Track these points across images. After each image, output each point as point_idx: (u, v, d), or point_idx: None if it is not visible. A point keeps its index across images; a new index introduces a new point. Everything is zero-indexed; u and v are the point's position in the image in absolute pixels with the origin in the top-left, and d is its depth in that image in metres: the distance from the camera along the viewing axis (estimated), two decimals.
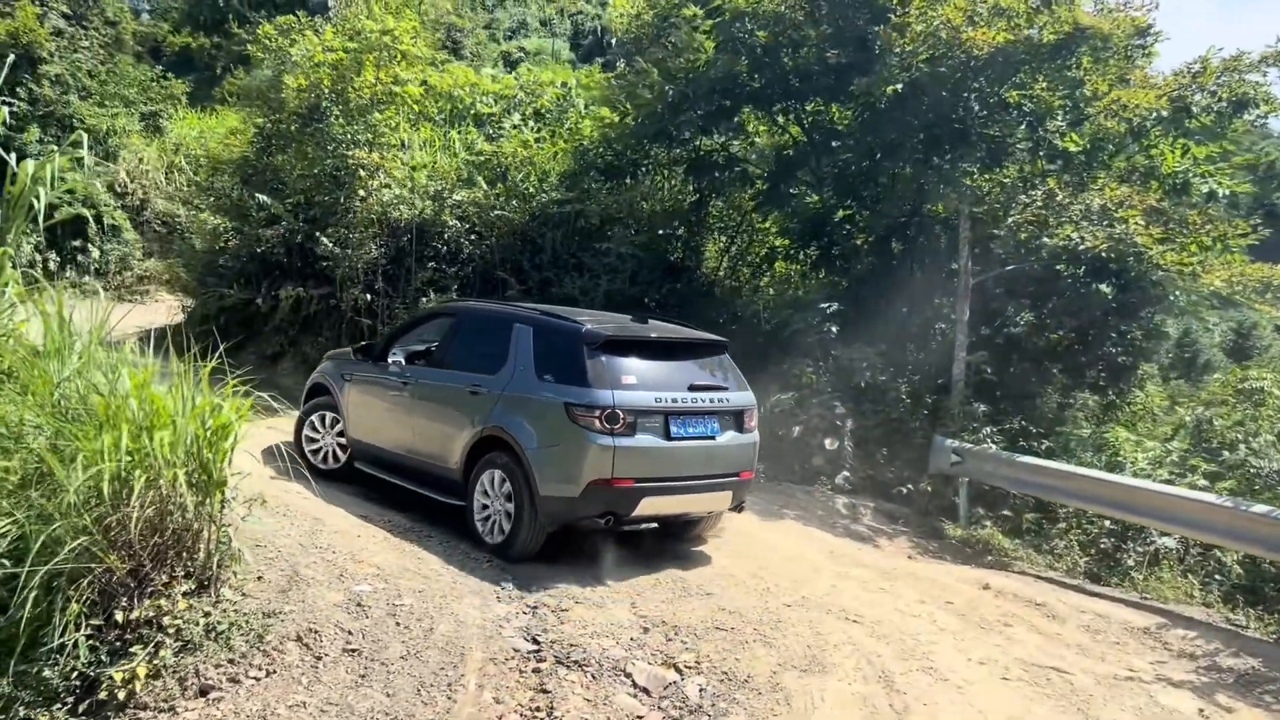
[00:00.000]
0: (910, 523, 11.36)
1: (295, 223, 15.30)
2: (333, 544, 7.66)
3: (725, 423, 8.44)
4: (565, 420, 7.71)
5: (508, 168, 15.75)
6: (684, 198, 16.88)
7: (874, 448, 12.83)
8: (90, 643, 5.78)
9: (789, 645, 6.56)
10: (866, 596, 7.98)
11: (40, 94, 23.33)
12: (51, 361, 6.86)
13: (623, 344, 8.08)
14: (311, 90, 15.21)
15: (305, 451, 10.27)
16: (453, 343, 9.29)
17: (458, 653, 6.25)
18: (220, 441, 6.41)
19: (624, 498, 7.75)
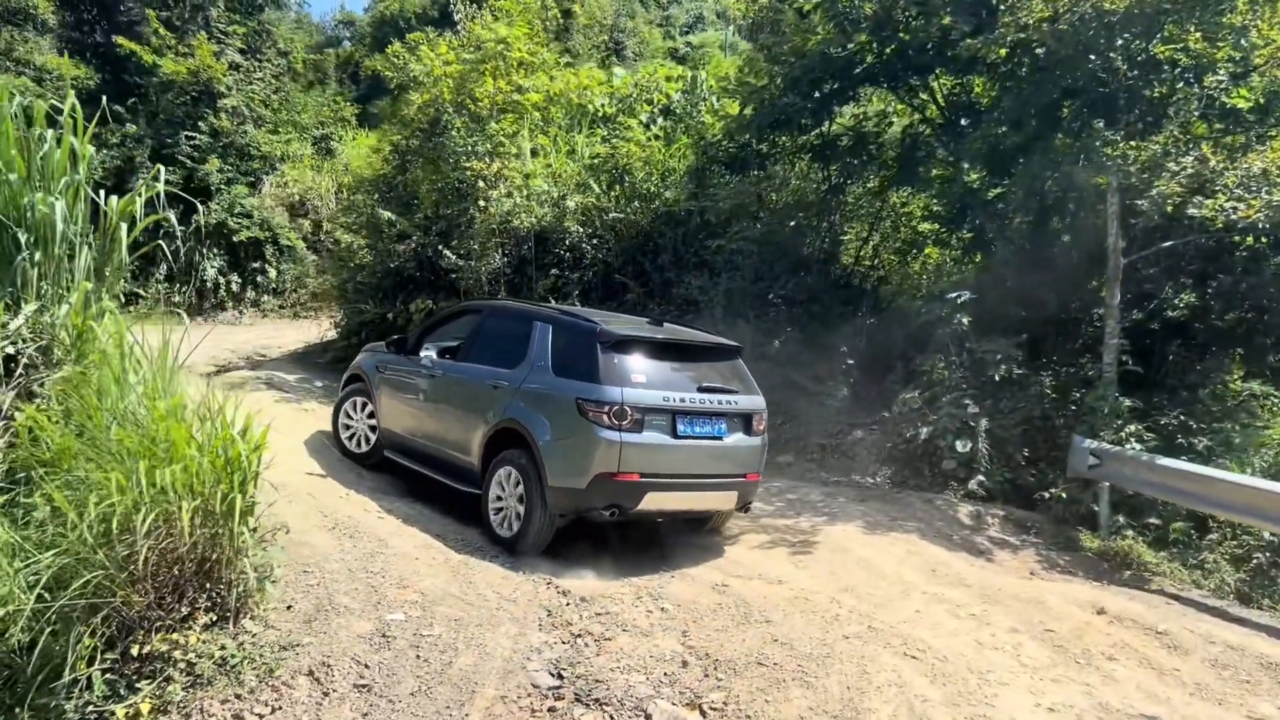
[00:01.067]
0: (1044, 533, 10.28)
1: (424, 237, 15.55)
2: (386, 568, 7.55)
3: (733, 425, 8.64)
4: (576, 415, 8.00)
5: (625, 169, 15.45)
6: (814, 186, 16.08)
7: (1013, 449, 11.74)
8: (107, 677, 5.85)
9: (827, 686, 5.93)
10: (949, 625, 7.19)
11: (219, 126, 24.87)
12: (103, 393, 7.04)
13: (634, 344, 8.37)
14: (431, 104, 15.40)
15: (340, 436, 10.89)
16: (478, 339, 9.65)
17: (469, 689, 5.98)
18: (241, 472, 6.39)
19: (629, 491, 8.02)
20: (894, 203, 16.49)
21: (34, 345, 8.67)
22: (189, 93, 24.80)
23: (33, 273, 8.74)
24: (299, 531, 7.98)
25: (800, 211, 16.05)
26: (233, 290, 24.88)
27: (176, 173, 24.35)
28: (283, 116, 26.85)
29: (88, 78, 24.64)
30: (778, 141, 15.61)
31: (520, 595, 7.46)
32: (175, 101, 24.67)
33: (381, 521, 8.74)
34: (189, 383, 7.66)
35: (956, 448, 11.61)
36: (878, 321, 15.40)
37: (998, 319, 13.11)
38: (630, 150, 15.44)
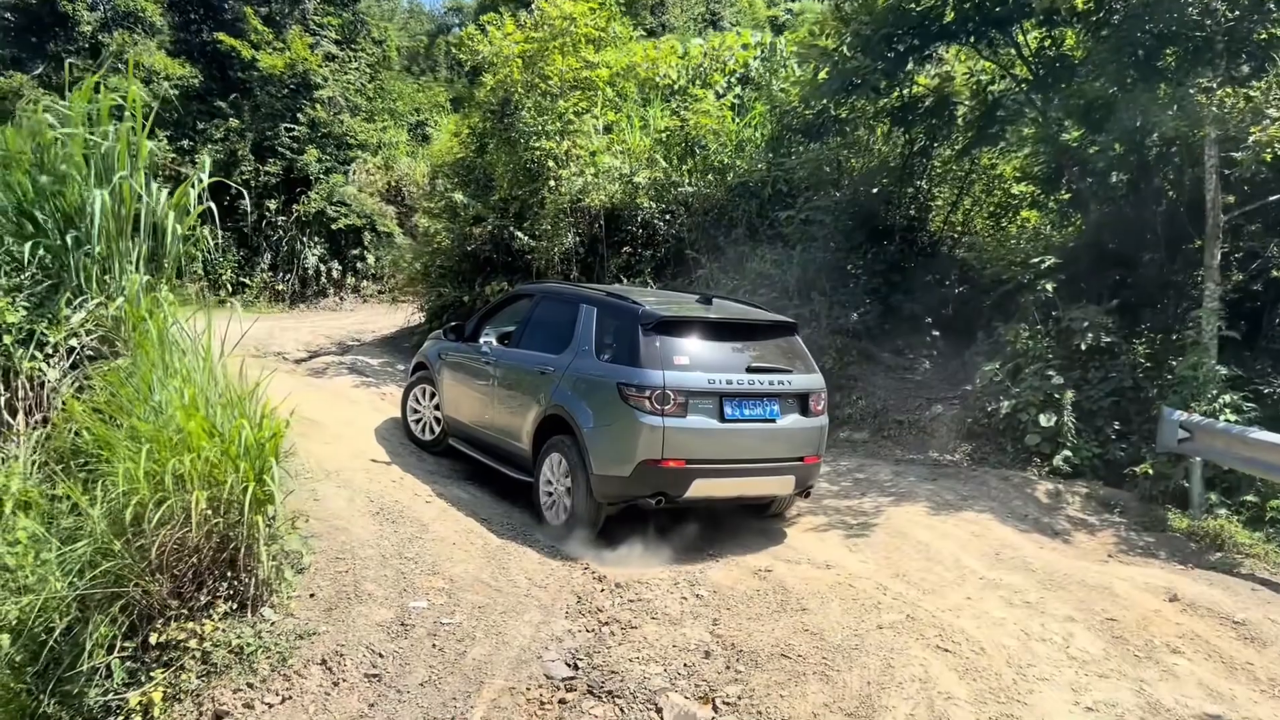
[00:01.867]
0: (1129, 512, 9.60)
1: (499, 219, 15.53)
2: (421, 554, 7.50)
3: (787, 406, 8.24)
4: (618, 400, 7.79)
5: (695, 141, 15.09)
6: (897, 151, 15.41)
7: (1103, 422, 11.02)
8: (127, 665, 5.94)
9: (848, 681, 5.60)
10: (998, 614, 6.74)
11: (316, 117, 25.41)
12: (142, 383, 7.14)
13: (679, 324, 8.10)
14: (501, 86, 15.32)
15: (409, 424, 11.05)
16: (530, 323, 9.53)
17: (478, 680, 5.87)
18: (258, 460, 6.39)
19: (675, 479, 7.76)
20: (984, 164, 15.68)
21: (93, 337, 8.91)
22: (287, 85, 25.42)
23: (94, 267, 8.98)
24: (342, 518, 8.00)
25: (883, 178, 15.41)
26: (333, 277, 25.48)
27: (277, 164, 25.05)
28: (378, 105, 27.28)
29: (192, 76, 25.48)
30: (856, 106, 14.98)
31: (552, 581, 7.32)
32: (274, 95, 25.32)
33: (428, 506, 8.69)
34: (236, 371, 7.71)
35: (1040, 421, 10.97)
36: (967, 290, 14.73)
37: (1090, 284, 12.35)
38: (700, 122, 15.04)
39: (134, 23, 26.77)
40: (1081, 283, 12.48)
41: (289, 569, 6.64)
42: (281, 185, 25.23)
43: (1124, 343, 11.46)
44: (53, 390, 8.17)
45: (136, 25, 26.75)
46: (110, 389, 7.23)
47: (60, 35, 25.77)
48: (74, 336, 8.53)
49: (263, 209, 24.97)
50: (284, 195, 25.30)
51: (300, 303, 24.95)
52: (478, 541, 7.93)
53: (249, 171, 24.84)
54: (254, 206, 24.88)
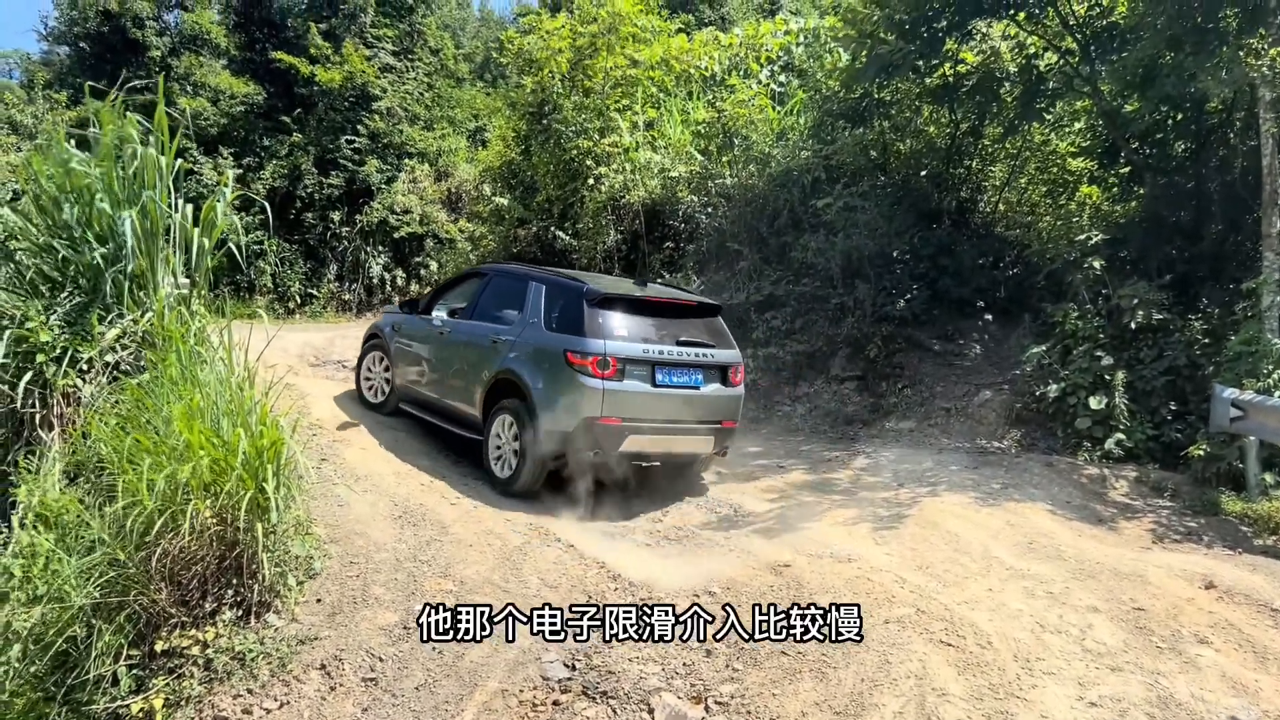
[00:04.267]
0: (1180, 495, 9.16)
1: (543, 220, 15.55)
2: (436, 557, 7.50)
3: (710, 376, 9.22)
4: (565, 365, 8.66)
5: (734, 132, 14.88)
6: (943, 131, 15.00)
7: (1157, 403, 10.56)
8: (134, 672, 6.05)
9: (842, 678, 5.42)
10: (1016, 605, 6.46)
11: (376, 128, 25.80)
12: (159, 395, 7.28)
13: (618, 302, 8.98)
14: (540, 86, 15.33)
15: (361, 388, 11.76)
16: (481, 299, 10.30)
17: (473, 683, 5.83)
18: (257, 469, 6.45)
19: (610, 435, 8.68)
20: (1037, 140, 15.17)
21: (128, 352, 9.12)
22: (347, 98, 25.87)
23: (125, 283, 9.20)
24: (362, 522, 8.06)
25: (931, 159, 15.03)
26: (398, 285, 25.85)
27: (339, 176, 25.51)
28: (436, 113, 27.57)
29: (256, 94, 26.08)
30: (898, 88, 14.63)
31: (564, 581, 7.25)
32: (335, 108, 25.79)
33: (452, 508, 8.70)
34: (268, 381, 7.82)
35: (1090, 404, 10.57)
36: (1020, 272, 14.27)
37: (1144, 260, 11.85)
38: (738, 113, 14.82)
39: (200, 45, 27.54)
40: (1135, 259, 11.99)
41: (294, 575, 6.68)
42: (344, 197, 25.68)
43: (1179, 319, 10.97)
44: (88, 405, 8.38)
45: (203, 47, 27.51)
46: (131, 402, 7.38)
47: (132, 61, 26.63)
48: (110, 352, 8.76)
49: (327, 221, 25.46)
50: (347, 206, 25.75)
51: (366, 311, 25.35)
52: (495, 543, 7.89)
53: (313, 185, 25.37)
54: (318, 219, 25.41)
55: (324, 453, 9.76)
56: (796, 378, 13.29)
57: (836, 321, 13.56)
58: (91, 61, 27.54)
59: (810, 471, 10.51)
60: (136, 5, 26.57)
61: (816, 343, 13.50)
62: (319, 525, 7.66)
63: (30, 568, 6.14)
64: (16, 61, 47.29)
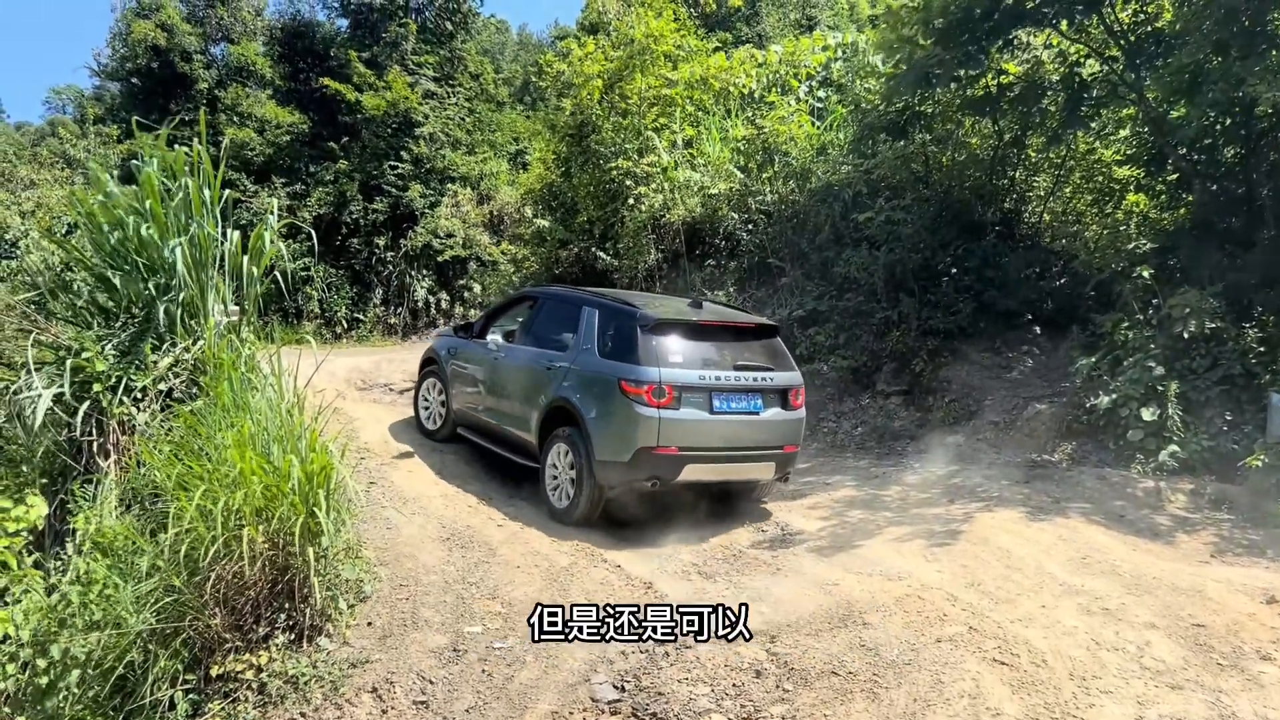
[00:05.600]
0: (1238, 507, 8.97)
1: (584, 241, 15.64)
2: (484, 579, 7.54)
3: (769, 400, 9.01)
4: (618, 393, 8.49)
5: (774, 149, 14.86)
6: (986, 143, 14.88)
7: (1212, 413, 10.35)
8: (190, 697, 6.13)
9: (894, 699, 5.35)
10: (1071, 622, 6.35)
11: (419, 153, 26.13)
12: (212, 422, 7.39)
13: (672, 326, 8.81)
14: (579, 109, 15.45)
15: (419, 415, 11.78)
16: (535, 323, 10.25)
17: (524, 704, 5.84)
18: (308, 494, 6.52)
19: (668, 464, 8.49)
20: (1081, 149, 14.99)
21: (181, 380, 9.28)
22: (390, 125, 26.23)
23: (177, 312, 9.38)
24: (411, 545, 8.13)
25: (974, 171, 14.90)
26: (442, 308, 26.10)
27: (384, 201, 25.84)
28: (478, 137, 27.88)
29: (301, 122, 26.54)
30: (939, 99, 14.53)
31: (613, 601, 7.24)
32: (379, 135, 26.16)
33: (500, 529, 8.75)
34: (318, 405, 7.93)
35: (1143, 416, 10.38)
36: (1067, 283, 14.09)
37: (1194, 267, 11.64)
38: (777, 129, 14.81)
39: (246, 76, 28.12)
40: (1185, 267, 11.79)
41: (344, 598, 6.74)
42: (389, 222, 26.01)
43: (1232, 328, 10.75)
44: (142, 433, 8.53)
45: (248, 79, 28.09)
46: (184, 430, 7.51)
47: (180, 94, 27.25)
48: (163, 380, 8.92)
49: (372, 246, 25.80)
50: (392, 231, 26.08)
51: (412, 334, 25.61)
52: (543, 564, 7.92)
53: (358, 211, 25.72)
54: (364, 244, 25.74)
55: (373, 476, 9.86)
56: (842, 393, 13.21)
57: (881, 336, 13.48)
58: (142, 96, 28.23)
59: (858, 488, 10.43)
60: (184, 40, 27.21)
61: (861, 358, 13.41)
62: (369, 548, 7.74)
63: (87, 594, 6.25)
64: (70, 98, 48.62)
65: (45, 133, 41.57)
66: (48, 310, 9.79)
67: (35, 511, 6.57)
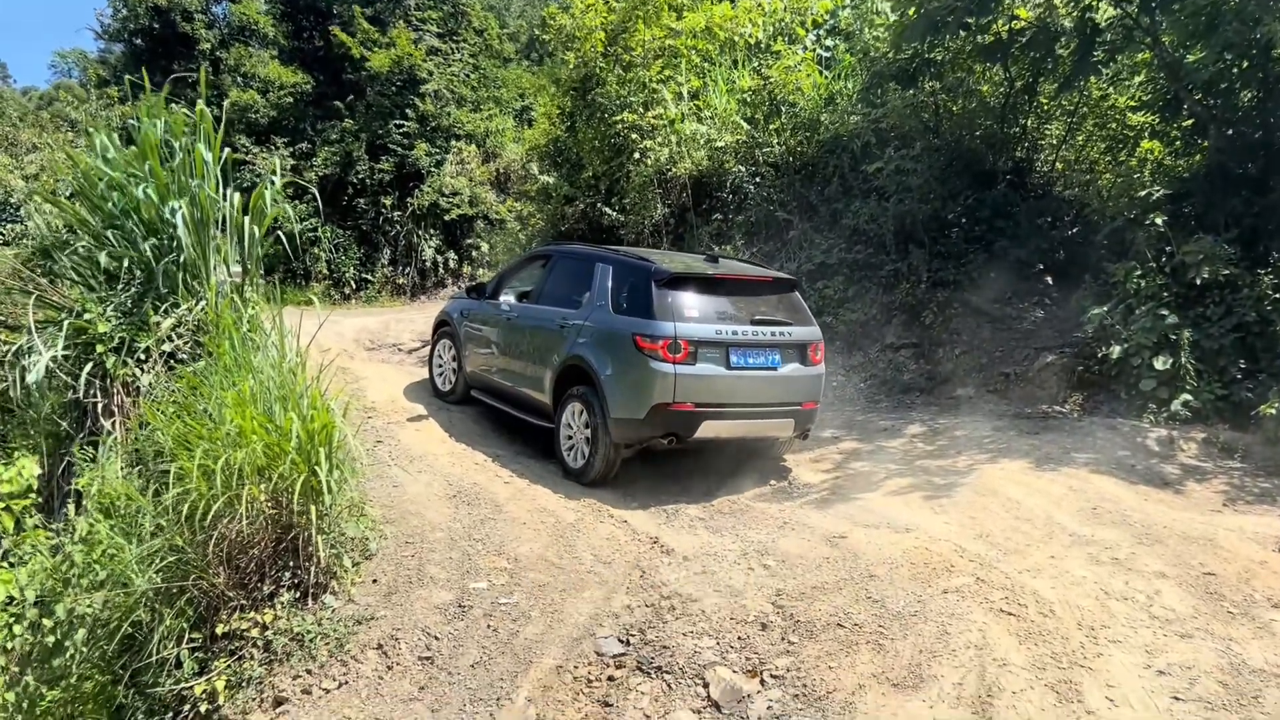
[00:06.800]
0: (1251, 456, 8.87)
1: (589, 197, 15.48)
2: (490, 535, 7.54)
3: (788, 355, 8.86)
4: (633, 349, 8.38)
5: (781, 99, 14.62)
6: (997, 91, 14.60)
7: (1226, 361, 10.21)
8: (196, 655, 6.15)
9: (900, 649, 5.32)
10: (1079, 572, 6.29)
11: (424, 110, 25.87)
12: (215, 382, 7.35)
13: (688, 281, 8.65)
14: (582, 62, 15.22)
15: (434, 376, 11.72)
16: (548, 282, 10.15)
17: (528, 659, 5.84)
18: (310, 452, 6.49)
19: (685, 421, 8.37)
20: (1095, 96, 14.71)
21: (185, 341, 9.25)
22: (394, 83, 25.94)
23: (179, 273, 9.32)
24: (417, 502, 8.12)
25: (985, 120, 14.65)
26: (450, 267, 25.97)
27: (389, 161, 25.63)
28: (483, 94, 27.55)
29: (305, 82, 26.30)
30: (949, 46, 14.24)
31: (618, 557, 7.24)
32: (383, 93, 25.89)
33: (506, 486, 8.73)
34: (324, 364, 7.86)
35: (1155, 365, 10.24)
36: (1079, 232, 13.89)
37: (1209, 214, 11.43)
38: (784, 79, 14.55)
39: (249, 36, 27.83)
40: (1199, 214, 11.58)
41: (349, 556, 6.74)
42: (395, 181, 25.80)
43: (1247, 274, 10.56)
44: (146, 394, 8.51)
45: (251, 38, 27.80)
46: (186, 390, 7.48)
47: (183, 55, 26.97)
48: (166, 341, 8.88)
49: (379, 206, 25.62)
50: (398, 191, 25.88)
51: (420, 295, 25.54)
52: (549, 520, 7.90)
53: (364, 170, 25.52)
54: (370, 204, 25.58)
55: (380, 435, 9.85)
56: (850, 347, 13.09)
57: (890, 288, 13.33)
58: (145, 57, 27.93)
59: (865, 441, 10.37)
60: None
61: (870, 311, 13.29)
62: (374, 506, 7.72)
63: (90, 555, 6.26)
64: (75, 61, 48.31)
65: (51, 97, 41.32)
66: (52, 273, 9.75)
67: (27, 472, 6.55)
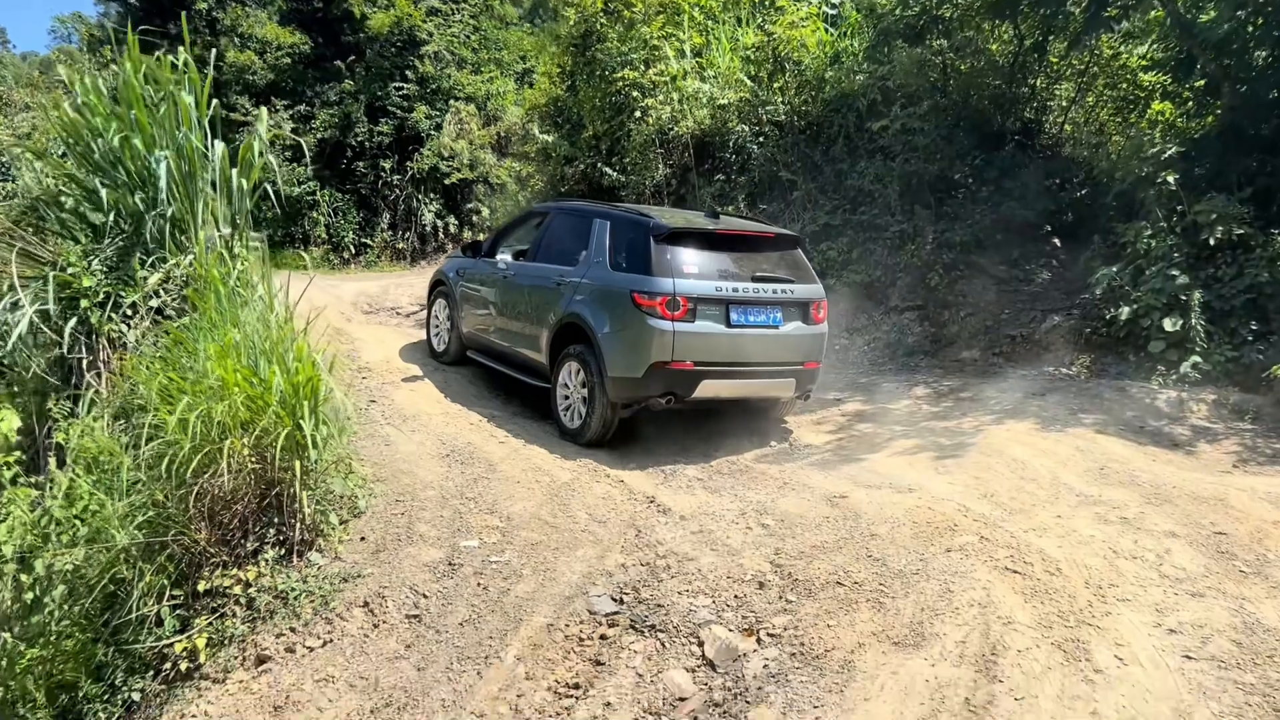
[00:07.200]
0: (1263, 418, 8.66)
1: (590, 157, 15.21)
2: (483, 494, 7.36)
3: (790, 314, 8.63)
4: (631, 307, 8.17)
5: (785, 56, 14.30)
6: (1006, 49, 14.29)
7: (1237, 323, 9.99)
8: (177, 613, 5.99)
9: (901, 608, 5.14)
10: (1087, 532, 6.10)
11: (424, 72, 25.50)
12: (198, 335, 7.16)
13: (687, 237, 8.41)
14: (582, 19, 14.90)
15: (430, 338, 11.55)
16: (545, 239, 9.91)
17: (518, 618, 5.67)
18: (298, 406, 6.31)
19: (683, 379, 8.17)
20: (1105, 55, 14.39)
21: (172, 296, 9.05)
22: (394, 44, 25.56)
23: (166, 227, 9.10)
24: (409, 461, 7.95)
25: (994, 79, 14.34)
26: (450, 232, 25.69)
27: (389, 123, 25.29)
28: (484, 56, 27.16)
29: (303, 43, 25.89)
30: (958, 2, 13.91)
31: (614, 517, 7.06)
32: (383, 54, 25.51)
33: (501, 446, 8.55)
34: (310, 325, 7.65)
35: (1165, 326, 10.02)
36: (1088, 193, 13.62)
37: (1222, 173, 11.16)
38: (789, 35, 14.22)
39: None
40: (1212, 173, 11.31)
41: (336, 513, 6.56)
42: (394, 144, 25.47)
43: (1260, 234, 10.32)
44: (133, 350, 8.32)
45: None
46: (169, 343, 7.29)
47: (178, 16, 26.47)
48: (154, 297, 8.68)
49: (378, 169, 25.29)
50: (397, 154, 25.55)
51: (420, 259, 25.26)
52: (544, 480, 7.72)
53: (363, 133, 25.17)
54: (369, 167, 25.25)
55: (373, 395, 9.68)
56: (854, 309, 12.87)
57: (895, 250, 13.09)
58: (140, 18, 27.50)
59: (869, 402, 10.18)
60: None
61: (874, 273, 13.05)
62: (365, 464, 7.56)
63: (69, 509, 6.09)
64: (74, 25, 47.84)
65: (50, 62, 40.87)
66: (41, 228, 9.54)
67: (5, 425, 6.37)
